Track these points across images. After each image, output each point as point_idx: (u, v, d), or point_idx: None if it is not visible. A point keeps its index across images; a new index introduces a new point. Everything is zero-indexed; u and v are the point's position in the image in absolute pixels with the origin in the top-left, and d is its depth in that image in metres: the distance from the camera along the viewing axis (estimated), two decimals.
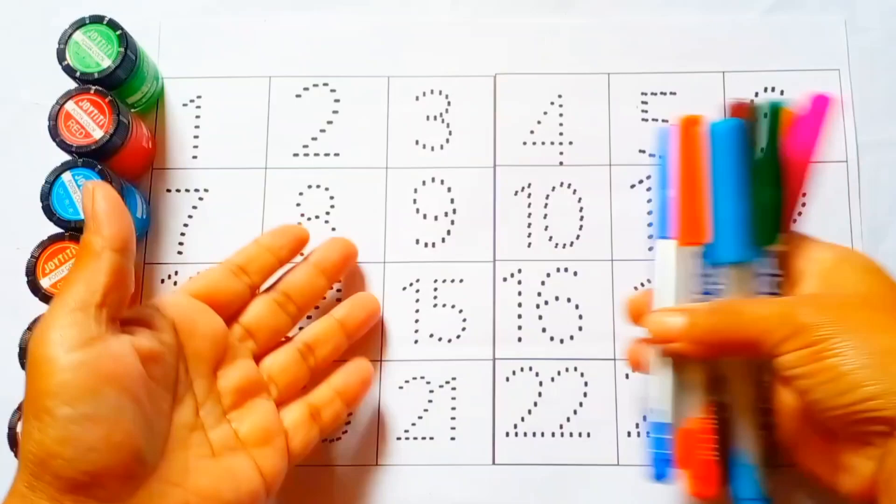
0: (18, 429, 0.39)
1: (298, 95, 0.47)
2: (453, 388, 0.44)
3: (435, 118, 0.47)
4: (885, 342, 0.32)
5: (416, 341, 0.44)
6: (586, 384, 0.44)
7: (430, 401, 0.44)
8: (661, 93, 0.46)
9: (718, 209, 0.36)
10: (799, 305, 0.34)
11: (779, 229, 0.36)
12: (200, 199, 0.46)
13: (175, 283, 0.45)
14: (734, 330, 0.34)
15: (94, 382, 0.31)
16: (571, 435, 0.43)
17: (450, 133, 0.47)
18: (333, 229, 0.45)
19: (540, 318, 0.44)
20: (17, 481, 0.31)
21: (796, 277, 0.36)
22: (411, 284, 0.45)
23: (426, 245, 0.45)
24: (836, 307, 0.33)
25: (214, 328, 0.38)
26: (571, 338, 0.44)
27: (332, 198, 0.46)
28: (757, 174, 0.36)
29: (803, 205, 0.45)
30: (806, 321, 0.33)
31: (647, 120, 0.46)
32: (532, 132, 0.46)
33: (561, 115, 0.46)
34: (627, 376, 0.44)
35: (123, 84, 0.43)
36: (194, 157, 0.47)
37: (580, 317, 0.44)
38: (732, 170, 0.36)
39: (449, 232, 0.45)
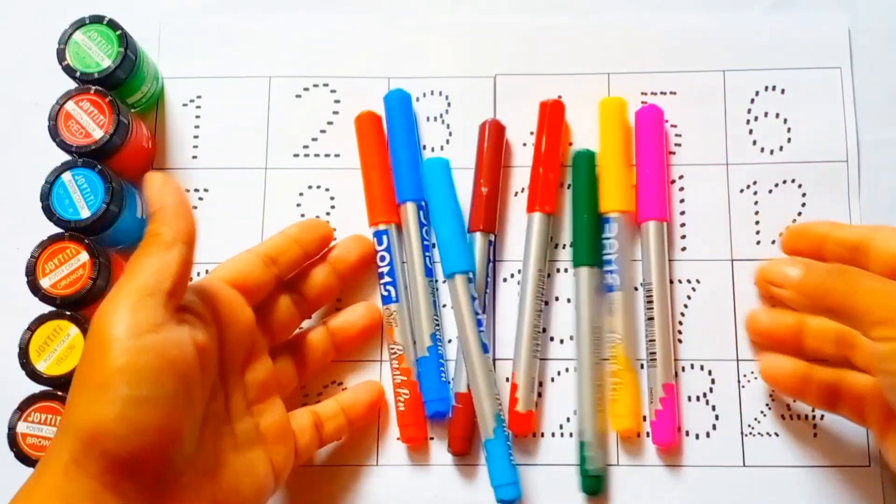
0: (18, 429, 0.39)
1: (298, 95, 0.47)
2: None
3: (435, 119, 0.47)
4: None
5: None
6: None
7: None
8: (662, 92, 0.46)
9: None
10: (878, 291, 0.33)
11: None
12: (200, 199, 0.46)
13: None
14: (844, 293, 0.34)
15: (158, 367, 0.31)
16: (571, 435, 0.43)
17: (450, 134, 0.47)
18: (334, 229, 0.45)
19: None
20: (61, 452, 0.30)
21: None
22: None
23: None
24: None
25: (248, 321, 0.38)
26: (571, 338, 0.44)
27: (332, 198, 0.46)
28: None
29: (803, 205, 0.45)
30: (885, 311, 0.32)
31: None
32: (532, 133, 0.46)
33: None
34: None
35: (123, 84, 0.43)
36: (194, 157, 0.47)
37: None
38: None
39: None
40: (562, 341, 0.44)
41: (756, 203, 0.45)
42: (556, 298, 0.44)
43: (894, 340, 0.31)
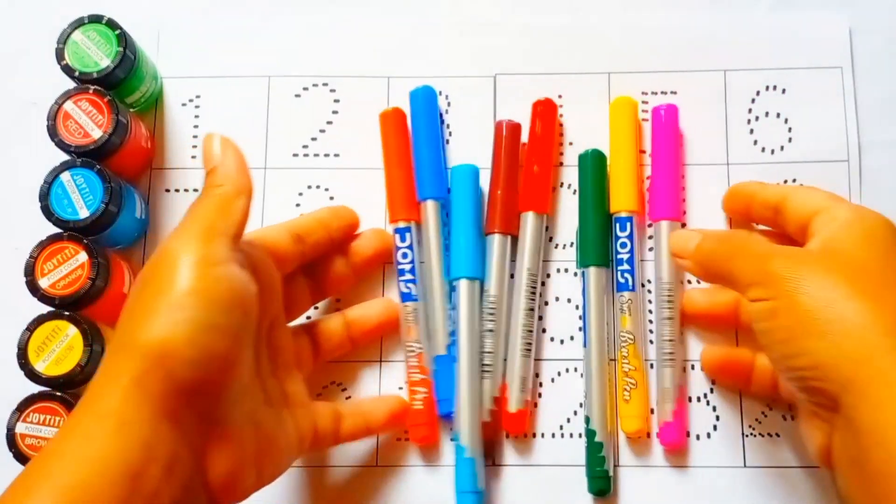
0: (17, 429, 0.39)
1: (298, 95, 0.47)
2: None
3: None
4: (847, 312, 0.30)
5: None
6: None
7: None
8: (662, 92, 0.46)
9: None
10: (777, 255, 0.33)
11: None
12: None
13: None
14: (725, 258, 0.35)
15: (229, 298, 0.31)
16: (571, 436, 0.43)
17: (450, 133, 0.46)
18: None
19: (540, 318, 0.44)
20: (120, 373, 0.30)
21: (812, 233, 0.35)
22: None
23: None
24: (811, 263, 0.32)
25: (278, 285, 0.38)
26: (572, 338, 0.44)
27: (332, 198, 0.46)
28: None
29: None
30: (775, 271, 0.32)
31: (647, 119, 0.46)
32: None
33: (561, 115, 0.46)
34: None
35: (122, 84, 0.43)
36: (193, 157, 0.46)
37: (580, 317, 0.44)
38: None
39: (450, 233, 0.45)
40: (562, 341, 0.44)
41: None
42: (557, 298, 0.44)
43: (765, 300, 0.32)
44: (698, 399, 0.43)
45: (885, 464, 0.28)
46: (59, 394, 0.40)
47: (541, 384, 0.43)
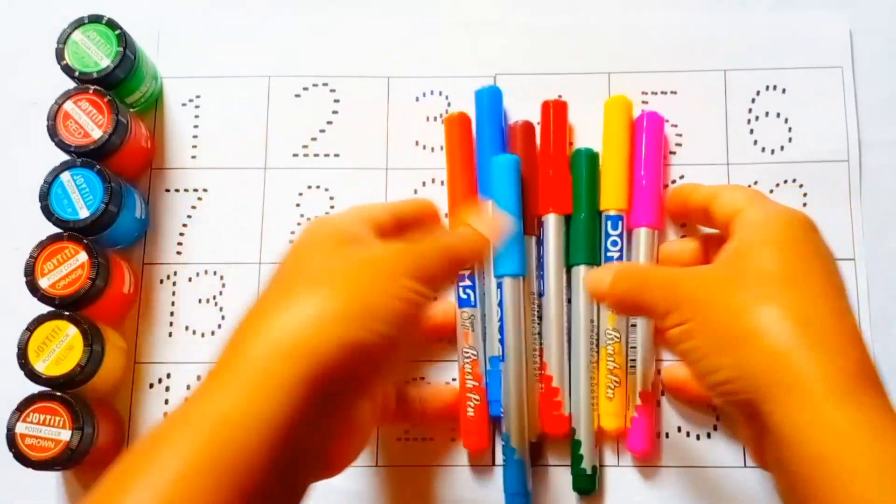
0: (17, 429, 0.39)
1: (298, 95, 0.47)
2: None
3: (435, 119, 0.47)
4: (754, 321, 0.30)
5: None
6: None
7: None
8: (662, 92, 0.46)
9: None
10: (682, 279, 0.34)
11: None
12: (199, 199, 0.46)
13: (174, 284, 0.45)
14: (635, 293, 0.35)
15: (405, 317, 0.31)
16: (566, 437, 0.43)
17: None
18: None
19: (540, 319, 0.44)
20: (270, 361, 0.29)
21: (729, 234, 0.36)
22: None
23: None
24: (716, 281, 0.33)
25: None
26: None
27: (332, 198, 0.46)
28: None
29: (804, 205, 0.45)
30: (683, 295, 0.32)
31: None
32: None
33: None
34: None
35: (122, 84, 0.43)
36: (193, 157, 0.46)
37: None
38: None
39: None
40: None
41: None
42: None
43: (679, 324, 0.32)
44: None
45: (805, 467, 0.28)
46: (59, 394, 0.40)
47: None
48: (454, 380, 0.44)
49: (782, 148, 0.45)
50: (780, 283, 0.32)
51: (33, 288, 0.40)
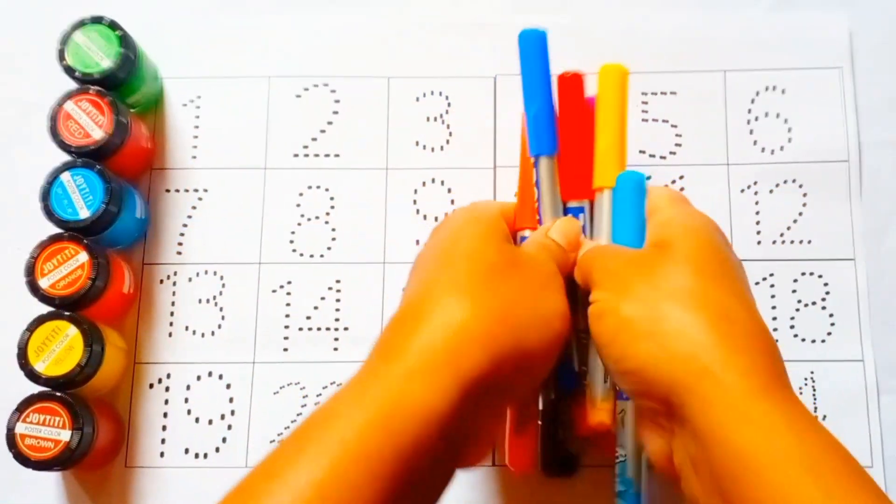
0: (17, 430, 0.39)
1: (298, 96, 0.47)
2: None
3: (435, 119, 0.47)
4: (672, 312, 0.30)
5: None
6: None
7: None
8: (662, 92, 0.46)
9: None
10: (602, 256, 0.34)
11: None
12: (200, 199, 0.46)
13: (174, 284, 0.45)
14: (590, 262, 0.35)
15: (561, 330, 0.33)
16: None
17: (450, 134, 0.47)
18: (333, 230, 0.45)
19: None
20: (452, 358, 0.29)
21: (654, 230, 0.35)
22: None
23: None
24: (640, 264, 0.32)
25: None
26: None
27: (332, 198, 0.46)
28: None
29: (804, 205, 0.45)
30: (599, 275, 0.33)
31: (647, 120, 0.46)
32: None
33: None
34: None
35: (123, 84, 0.43)
36: (194, 158, 0.47)
37: None
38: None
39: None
40: None
41: (757, 203, 0.45)
42: None
43: (597, 302, 0.32)
44: None
45: (729, 462, 0.27)
46: (59, 394, 0.40)
47: None
48: None
49: (782, 148, 0.45)
50: (702, 279, 0.31)
51: (33, 288, 0.40)
